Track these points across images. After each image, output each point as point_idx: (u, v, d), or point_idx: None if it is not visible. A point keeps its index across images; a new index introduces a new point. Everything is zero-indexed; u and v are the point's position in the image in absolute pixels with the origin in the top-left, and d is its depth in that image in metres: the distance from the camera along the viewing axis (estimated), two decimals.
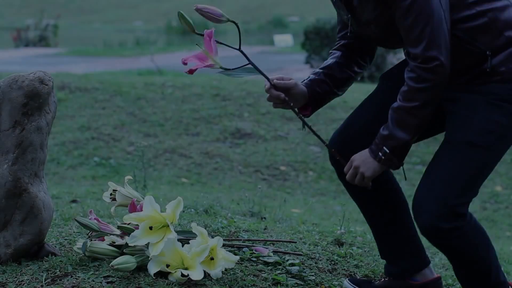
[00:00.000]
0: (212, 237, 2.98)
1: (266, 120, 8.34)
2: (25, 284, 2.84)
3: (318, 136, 3.02)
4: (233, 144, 7.88)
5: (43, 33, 19.24)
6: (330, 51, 3.12)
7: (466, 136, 2.80)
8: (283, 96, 2.95)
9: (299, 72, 13.74)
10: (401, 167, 2.92)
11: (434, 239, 2.81)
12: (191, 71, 2.84)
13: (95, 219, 3.10)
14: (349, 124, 3.04)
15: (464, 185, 2.79)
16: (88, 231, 3.12)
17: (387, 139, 2.84)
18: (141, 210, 2.95)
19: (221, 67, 2.89)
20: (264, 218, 4.38)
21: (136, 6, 35.19)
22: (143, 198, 3.05)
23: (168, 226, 2.89)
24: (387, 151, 2.84)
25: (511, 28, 2.81)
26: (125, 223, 3.00)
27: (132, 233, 2.89)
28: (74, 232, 3.43)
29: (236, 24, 2.86)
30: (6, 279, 2.87)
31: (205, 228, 3.42)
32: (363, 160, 2.90)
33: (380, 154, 2.85)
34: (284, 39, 21.48)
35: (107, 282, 2.83)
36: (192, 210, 4.13)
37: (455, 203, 2.77)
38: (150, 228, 2.88)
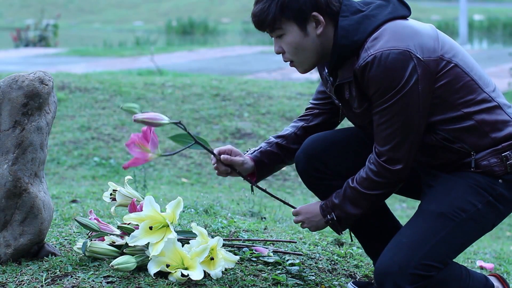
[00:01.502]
0: (212, 237, 2.98)
1: (266, 120, 8.34)
2: (25, 284, 2.84)
3: (272, 195, 3.14)
4: (233, 144, 7.87)
5: (43, 33, 19.20)
6: (295, 120, 3.18)
7: (439, 208, 2.81)
8: (230, 170, 3.03)
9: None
10: (348, 230, 3.08)
11: None
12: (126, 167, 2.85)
13: (95, 219, 3.10)
14: (328, 136, 3.06)
15: (429, 252, 2.77)
16: (88, 231, 3.12)
17: (336, 208, 2.91)
18: (141, 210, 2.95)
19: (161, 155, 2.85)
20: (264, 218, 4.38)
21: (136, 6, 35.17)
22: (143, 198, 3.05)
23: (168, 226, 2.89)
24: (334, 218, 2.92)
25: (498, 130, 2.79)
26: (125, 223, 3.00)
27: (132, 233, 2.89)
28: (74, 232, 3.43)
29: (181, 125, 2.80)
30: (6, 279, 2.87)
31: (205, 228, 3.42)
32: (308, 217, 3.00)
33: (328, 217, 2.93)
34: None
35: (107, 282, 2.83)
36: (192, 210, 4.13)
37: (418, 268, 2.75)
38: (150, 228, 2.88)
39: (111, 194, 3.20)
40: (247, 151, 3.14)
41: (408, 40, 2.73)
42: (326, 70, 2.94)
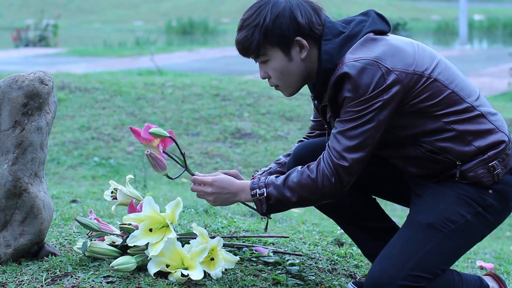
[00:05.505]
0: (213, 237, 2.98)
1: (266, 120, 8.34)
2: (25, 284, 2.84)
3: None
4: (233, 144, 7.88)
5: (43, 33, 19.20)
6: (301, 138, 3.20)
7: (427, 218, 2.80)
8: None
9: None
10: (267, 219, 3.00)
11: None
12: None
13: (95, 219, 3.10)
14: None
15: (417, 263, 2.77)
16: (88, 231, 3.12)
17: (271, 186, 2.83)
18: (141, 210, 2.95)
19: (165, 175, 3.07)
20: (264, 218, 4.37)
21: (136, 6, 35.16)
22: (144, 198, 3.05)
23: (168, 226, 2.88)
24: (265, 194, 2.83)
25: (481, 138, 2.78)
26: (125, 223, 3.00)
27: (132, 234, 2.89)
28: (74, 232, 3.43)
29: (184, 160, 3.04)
30: (6, 279, 2.87)
31: (205, 228, 3.42)
32: (220, 192, 2.90)
33: (258, 191, 2.84)
34: None
35: (107, 282, 2.83)
36: (192, 210, 4.13)
37: (407, 279, 2.75)
38: (150, 230, 2.88)
39: (112, 193, 3.20)
40: (257, 171, 3.12)
41: (378, 51, 2.72)
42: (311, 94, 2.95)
